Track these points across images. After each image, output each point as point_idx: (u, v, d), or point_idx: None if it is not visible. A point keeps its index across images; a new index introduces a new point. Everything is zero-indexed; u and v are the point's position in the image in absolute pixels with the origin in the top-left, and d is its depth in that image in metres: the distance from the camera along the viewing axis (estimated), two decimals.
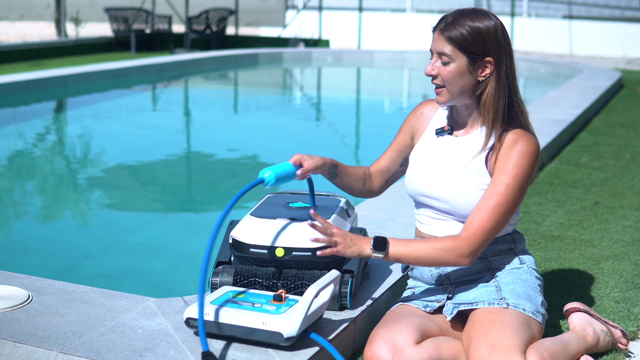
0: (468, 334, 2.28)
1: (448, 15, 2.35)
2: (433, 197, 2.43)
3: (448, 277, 2.46)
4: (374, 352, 2.22)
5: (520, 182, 2.29)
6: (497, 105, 2.32)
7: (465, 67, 2.30)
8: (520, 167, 2.29)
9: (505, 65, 2.31)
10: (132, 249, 4.30)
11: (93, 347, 2.21)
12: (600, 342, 2.50)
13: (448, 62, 2.31)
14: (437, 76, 2.34)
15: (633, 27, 17.18)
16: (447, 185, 2.39)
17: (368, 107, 10.37)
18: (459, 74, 2.30)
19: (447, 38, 2.30)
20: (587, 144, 6.45)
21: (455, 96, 2.35)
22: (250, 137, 7.64)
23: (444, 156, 2.44)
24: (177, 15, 17.94)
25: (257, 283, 2.46)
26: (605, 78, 10.50)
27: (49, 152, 7.02)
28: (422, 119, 2.57)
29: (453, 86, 2.32)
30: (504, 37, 2.32)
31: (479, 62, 2.30)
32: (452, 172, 2.39)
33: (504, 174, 2.29)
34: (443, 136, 2.46)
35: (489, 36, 2.29)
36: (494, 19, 2.32)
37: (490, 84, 2.32)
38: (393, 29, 18.12)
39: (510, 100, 2.35)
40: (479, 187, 2.35)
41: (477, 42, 2.28)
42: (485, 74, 2.31)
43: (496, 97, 2.32)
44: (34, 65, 12.60)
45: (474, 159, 2.37)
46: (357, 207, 3.77)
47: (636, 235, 3.93)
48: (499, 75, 2.31)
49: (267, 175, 2.37)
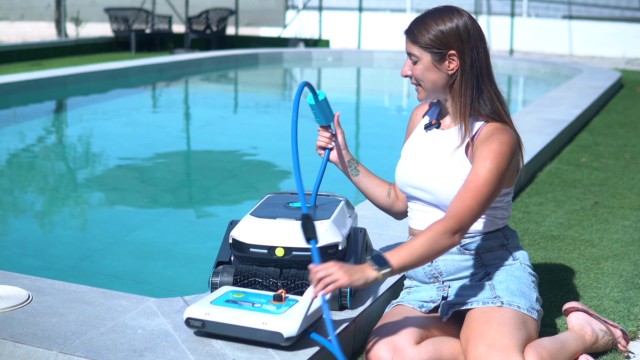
0: (465, 334, 2.28)
1: (417, 16, 2.46)
2: (418, 187, 2.49)
3: (441, 274, 2.49)
4: (374, 353, 2.22)
5: (498, 166, 2.31)
6: (464, 95, 2.40)
7: (430, 63, 2.40)
8: (497, 153, 2.32)
9: (470, 57, 2.37)
10: (132, 249, 4.30)
11: (93, 347, 2.21)
12: (599, 341, 2.51)
13: (416, 61, 2.42)
14: (411, 76, 2.46)
15: (633, 27, 17.18)
16: (430, 175, 2.45)
17: (368, 107, 10.37)
18: (427, 70, 2.41)
19: (411, 40, 2.41)
20: (587, 144, 6.45)
21: (430, 92, 2.45)
22: (250, 137, 7.64)
23: (429, 148, 2.51)
24: (177, 15, 17.94)
25: (257, 283, 2.46)
26: (605, 78, 10.50)
27: (49, 152, 7.02)
28: (415, 120, 2.68)
29: (425, 83, 2.43)
30: (467, 31, 2.38)
31: (444, 57, 2.38)
32: (436, 163, 2.46)
33: (482, 159, 2.32)
34: (431, 130, 2.54)
35: (450, 31, 2.37)
36: (459, 15, 2.39)
37: (457, 77, 2.40)
38: (393, 29, 18.11)
39: (480, 89, 2.40)
40: (461, 177, 2.40)
41: (438, 38, 2.37)
42: (452, 67, 2.39)
43: (462, 87, 2.40)
44: (34, 65, 12.60)
45: (456, 149, 2.42)
46: (357, 207, 3.77)
47: (636, 235, 3.93)
48: (463, 67, 2.38)
49: (321, 93, 2.59)
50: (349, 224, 2.66)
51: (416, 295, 2.49)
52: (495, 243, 2.48)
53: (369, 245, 2.79)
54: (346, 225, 2.63)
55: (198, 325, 2.25)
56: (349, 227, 2.64)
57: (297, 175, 2.27)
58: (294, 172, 2.30)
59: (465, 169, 2.41)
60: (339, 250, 2.48)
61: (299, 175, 2.26)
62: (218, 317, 2.23)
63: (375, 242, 3.14)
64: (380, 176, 2.77)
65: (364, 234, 2.68)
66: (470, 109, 2.41)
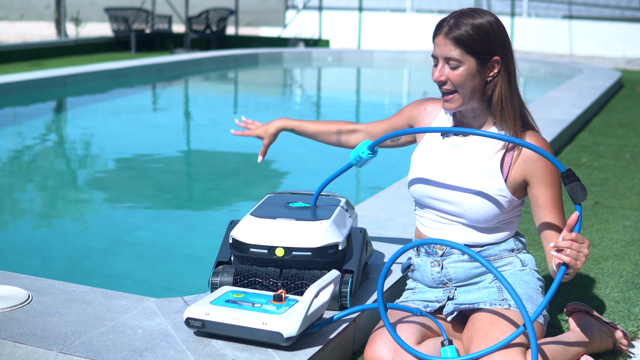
0: (469, 334, 2.28)
1: (447, 18, 2.31)
2: (442, 199, 2.40)
3: (450, 280, 2.43)
4: (374, 352, 2.22)
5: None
6: (512, 103, 2.31)
7: (475, 68, 2.26)
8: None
9: (512, 63, 2.31)
10: (132, 249, 4.29)
11: (93, 347, 2.21)
12: (600, 342, 2.50)
13: (457, 65, 2.26)
14: (447, 82, 2.30)
15: (633, 27, 17.18)
16: (459, 187, 2.36)
17: (368, 107, 10.36)
18: (470, 77, 2.27)
19: (453, 41, 2.25)
20: (587, 144, 6.45)
21: (466, 100, 2.31)
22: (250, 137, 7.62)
23: (451, 157, 2.40)
24: (177, 15, 17.93)
25: (257, 283, 2.46)
26: (605, 78, 10.49)
27: (48, 152, 7.02)
28: (425, 116, 2.55)
29: (464, 90, 2.29)
30: (505, 35, 2.31)
31: (487, 62, 2.27)
32: (464, 174, 2.36)
33: (551, 185, 2.31)
34: (449, 137, 2.42)
35: (494, 34, 2.27)
36: (492, 17, 2.30)
37: (499, 84, 2.30)
38: (393, 29, 18.12)
39: (520, 98, 2.35)
40: (492, 192, 2.33)
41: (484, 41, 2.25)
42: (493, 73, 2.29)
43: (510, 95, 2.31)
44: (34, 65, 12.60)
45: (489, 161, 2.34)
46: (357, 207, 3.77)
47: (636, 235, 3.93)
48: (508, 74, 2.30)
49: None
50: (349, 224, 2.66)
51: (421, 295, 2.47)
52: (506, 250, 2.44)
53: (368, 245, 2.79)
54: (346, 225, 2.63)
55: (198, 325, 2.25)
56: (349, 227, 2.64)
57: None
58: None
59: (497, 183, 2.33)
60: (339, 250, 2.48)
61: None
62: (218, 317, 2.23)
63: (375, 242, 3.14)
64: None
65: (364, 234, 2.68)
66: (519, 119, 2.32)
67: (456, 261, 2.41)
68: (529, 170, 2.32)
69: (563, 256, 2.07)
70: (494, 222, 2.38)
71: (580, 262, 2.07)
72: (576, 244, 2.07)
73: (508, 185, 2.35)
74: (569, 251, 2.07)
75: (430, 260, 2.45)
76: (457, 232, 2.41)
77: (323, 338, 2.30)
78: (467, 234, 2.40)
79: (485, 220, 2.36)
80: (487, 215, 2.35)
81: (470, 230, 2.40)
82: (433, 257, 2.44)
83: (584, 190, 2.11)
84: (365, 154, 2.48)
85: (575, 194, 2.11)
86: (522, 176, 2.34)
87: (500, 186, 2.33)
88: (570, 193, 2.12)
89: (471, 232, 2.40)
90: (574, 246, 2.07)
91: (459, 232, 2.41)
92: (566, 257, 2.06)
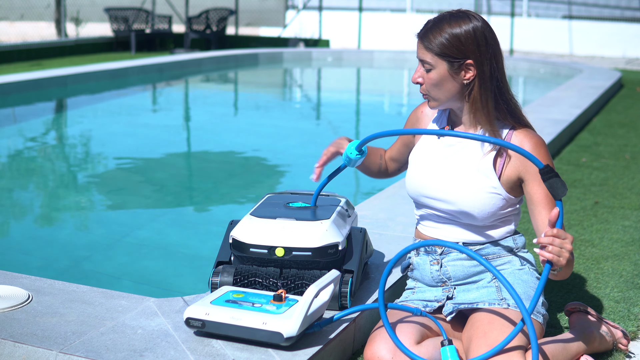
0: (468, 333, 2.28)
1: (430, 20, 2.35)
2: (437, 198, 2.42)
3: (449, 279, 2.44)
4: (374, 352, 2.22)
5: None
6: (484, 105, 2.33)
7: (446, 72, 2.30)
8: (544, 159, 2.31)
9: (490, 66, 2.30)
10: (132, 249, 4.29)
11: (93, 347, 2.21)
12: (600, 342, 2.50)
13: (430, 69, 2.31)
14: (423, 83, 2.35)
15: (633, 27, 17.18)
16: (453, 186, 2.38)
17: (368, 107, 10.37)
18: (442, 80, 2.31)
19: (425, 46, 2.31)
20: (587, 144, 6.45)
21: (442, 101, 2.36)
22: (250, 137, 7.64)
23: (446, 156, 2.43)
24: (177, 15, 17.94)
25: (257, 283, 2.46)
26: (605, 78, 10.50)
27: (49, 152, 7.02)
28: (422, 119, 2.59)
29: (438, 92, 2.33)
30: (485, 39, 2.30)
31: (460, 66, 2.29)
32: (458, 173, 2.38)
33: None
34: (444, 136, 2.44)
35: (467, 40, 2.27)
36: (475, 21, 2.30)
37: (476, 86, 2.31)
38: (393, 29, 18.12)
39: (496, 99, 2.34)
40: (486, 190, 2.34)
41: (455, 47, 2.27)
42: (468, 76, 2.30)
43: (483, 99, 2.32)
44: (34, 65, 12.60)
45: (481, 160, 2.36)
46: (357, 207, 3.77)
47: (636, 235, 3.93)
48: (482, 77, 2.31)
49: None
50: (349, 224, 2.66)
51: (420, 294, 2.48)
52: (505, 248, 2.45)
53: (368, 245, 2.79)
54: (346, 225, 2.63)
55: (198, 325, 2.25)
56: (349, 227, 2.64)
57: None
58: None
59: (491, 181, 2.34)
60: (339, 250, 2.48)
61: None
62: (218, 317, 2.23)
63: (375, 242, 3.14)
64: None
65: (364, 234, 2.68)
66: (495, 119, 2.34)
67: (455, 260, 2.42)
68: (523, 167, 2.34)
69: (545, 253, 2.06)
70: (491, 220, 2.38)
71: (563, 258, 2.06)
72: (558, 239, 2.06)
73: (502, 182, 2.36)
74: (550, 248, 2.05)
75: (430, 259, 2.45)
76: (455, 231, 2.42)
77: (323, 338, 2.30)
78: (464, 232, 2.41)
79: (481, 218, 2.36)
80: (482, 213, 2.35)
81: (467, 229, 2.41)
82: (432, 256, 2.45)
83: (564, 186, 2.09)
84: (353, 155, 2.50)
85: (555, 189, 2.10)
86: (517, 174, 2.35)
87: (494, 184, 2.35)
88: (550, 189, 2.10)
89: (468, 231, 2.41)
90: (556, 242, 2.05)
91: (457, 231, 2.42)
92: (548, 254, 2.05)
